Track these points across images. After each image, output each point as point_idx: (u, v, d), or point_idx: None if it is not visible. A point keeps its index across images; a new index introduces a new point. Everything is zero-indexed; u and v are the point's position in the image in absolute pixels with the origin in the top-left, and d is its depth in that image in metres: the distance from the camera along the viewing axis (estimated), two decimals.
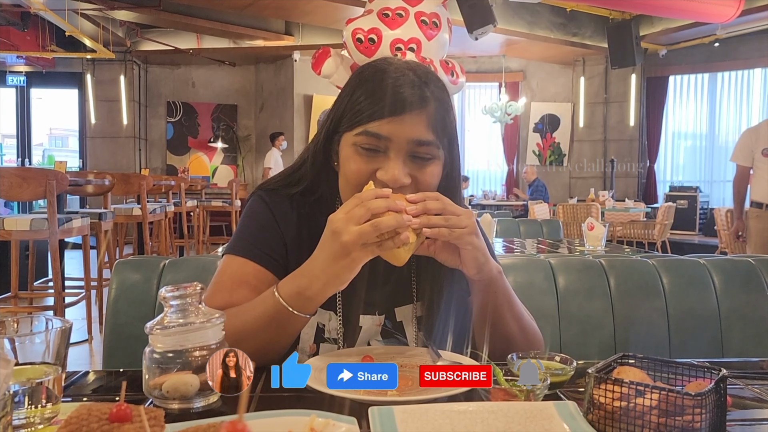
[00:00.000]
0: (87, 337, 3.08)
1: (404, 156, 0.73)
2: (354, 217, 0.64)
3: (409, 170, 0.74)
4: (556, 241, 2.69)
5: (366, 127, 0.73)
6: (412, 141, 0.73)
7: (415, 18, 3.50)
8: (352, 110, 0.75)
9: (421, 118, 0.73)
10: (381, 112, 0.72)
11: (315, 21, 6.61)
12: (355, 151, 0.74)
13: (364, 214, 0.64)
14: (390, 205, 0.64)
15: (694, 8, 5.42)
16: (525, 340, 0.78)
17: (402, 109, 0.72)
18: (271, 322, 0.69)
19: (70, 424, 0.47)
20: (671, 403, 0.49)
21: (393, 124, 0.72)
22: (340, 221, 0.65)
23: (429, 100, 0.74)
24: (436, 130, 0.74)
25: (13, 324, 0.58)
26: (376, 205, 0.64)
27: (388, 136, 0.72)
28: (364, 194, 0.66)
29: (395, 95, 0.72)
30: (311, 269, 0.68)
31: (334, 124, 0.79)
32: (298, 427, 0.50)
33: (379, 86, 0.74)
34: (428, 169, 0.75)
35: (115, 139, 7.71)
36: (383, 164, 0.73)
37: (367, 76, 0.77)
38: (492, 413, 0.53)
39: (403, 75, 0.74)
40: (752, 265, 1.17)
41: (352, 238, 0.63)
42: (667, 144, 7.76)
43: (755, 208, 3.28)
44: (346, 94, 0.78)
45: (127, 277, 1.05)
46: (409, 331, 0.83)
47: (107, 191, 3.68)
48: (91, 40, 6.36)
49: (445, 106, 0.77)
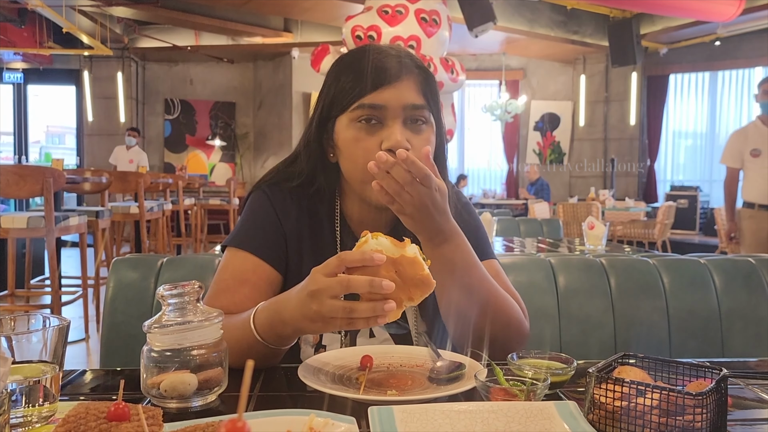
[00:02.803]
0: (84, 336, 3.07)
1: (401, 122, 0.77)
2: (330, 290, 0.60)
3: (407, 137, 0.76)
4: (556, 241, 2.68)
5: (362, 101, 0.77)
6: (408, 106, 0.77)
7: (415, 15, 3.50)
8: (342, 92, 0.78)
9: (410, 84, 0.78)
10: (374, 84, 0.76)
11: (314, 18, 6.60)
12: (356, 128, 0.77)
13: (342, 291, 0.59)
14: (374, 286, 0.58)
15: (695, 7, 5.41)
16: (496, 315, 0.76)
17: (392, 78, 0.77)
18: (251, 349, 0.68)
19: (67, 422, 0.46)
20: (672, 402, 0.49)
21: (388, 92, 0.76)
22: (318, 285, 0.60)
23: (414, 68, 0.79)
24: (426, 95, 0.79)
25: (10, 322, 0.57)
26: (356, 285, 0.59)
27: (384, 104, 0.76)
28: (347, 255, 0.60)
29: (383, 66, 0.77)
30: (284, 311, 0.66)
31: (326, 111, 0.81)
32: (296, 426, 0.49)
33: (365, 64, 0.78)
34: (423, 135, 0.78)
35: (113, 136, 7.68)
36: (383, 134, 0.76)
37: (350, 59, 0.81)
38: (492, 413, 0.53)
39: (387, 50, 0.80)
40: (753, 265, 1.17)
41: (324, 310, 0.60)
42: (668, 143, 7.76)
43: (747, 208, 3.30)
44: (332, 82, 0.81)
45: (125, 276, 1.05)
46: (409, 317, 0.85)
47: (104, 189, 3.68)
48: (89, 37, 6.34)
49: (429, 75, 0.82)
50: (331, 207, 0.87)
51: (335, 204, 0.87)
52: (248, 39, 7.20)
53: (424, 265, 0.61)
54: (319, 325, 0.63)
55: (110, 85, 7.56)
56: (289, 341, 0.70)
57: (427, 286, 0.61)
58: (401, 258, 0.60)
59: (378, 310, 0.59)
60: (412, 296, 0.61)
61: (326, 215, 0.86)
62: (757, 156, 3.22)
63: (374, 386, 0.65)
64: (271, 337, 0.68)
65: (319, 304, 0.60)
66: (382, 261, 0.59)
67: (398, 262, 0.60)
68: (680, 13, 5.82)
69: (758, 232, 3.23)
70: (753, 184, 3.25)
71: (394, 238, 0.62)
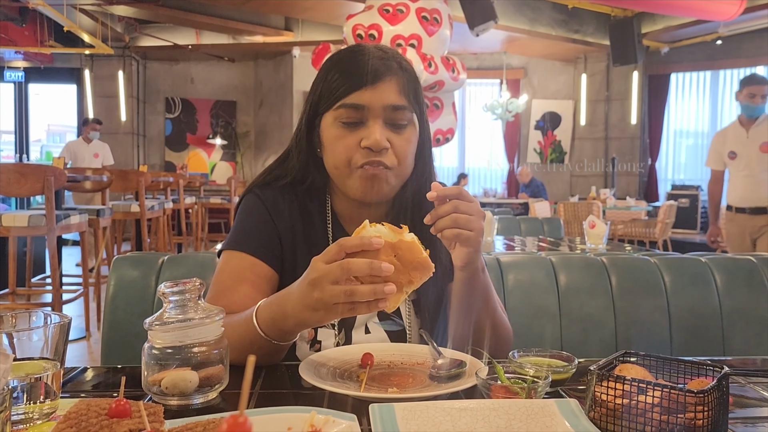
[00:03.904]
0: (85, 334, 3.08)
1: (382, 122, 0.79)
2: (331, 275, 0.60)
3: (387, 136, 0.79)
4: (556, 240, 2.68)
5: (344, 101, 0.79)
6: (388, 107, 0.79)
7: (416, 14, 3.49)
8: (329, 89, 0.81)
9: (392, 85, 0.80)
10: (356, 84, 0.78)
11: (315, 17, 6.59)
12: (338, 127, 0.80)
13: (342, 275, 0.59)
14: (373, 269, 0.59)
15: (697, 6, 5.41)
16: (495, 334, 0.81)
17: (374, 79, 0.79)
18: (253, 346, 0.68)
19: (69, 419, 0.47)
20: (673, 400, 0.49)
21: (368, 93, 0.78)
22: (319, 272, 0.61)
23: (397, 69, 0.81)
24: (408, 96, 0.81)
25: (12, 319, 0.57)
26: (356, 268, 0.59)
27: (365, 104, 0.78)
28: (346, 241, 0.61)
29: (366, 67, 0.79)
30: (285, 304, 0.66)
31: (314, 108, 0.83)
32: (297, 423, 0.49)
33: (351, 63, 0.80)
34: (404, 135, 0.80)
35: (114, 135, 7.69)
36: (363, 132, 0.78)
37: (338, 58, 0.83)
38: (493, 411, 0.53)
39: (371, 52, 0.81)
40: (754, 264, 1.17)
41: (325, 296, 0.60)
42: (669, 142, 7.74)
43: (728, 211, 3.25)
44: (321, 79, 0.83)
45: (126, 274, 1.05)
46: (404, 313, 0.86)
47: (105, 188, 3.68)
48: (90, 36, 6.34)
49: (413, 76, 0.84)
50: (321, 203, 0.88)
51: (326, 200, 0.88)
52: (249, 38, 7.20)
53: (422, 249, 0.62)
54: (321, 314, 0.63)
55: (111, 83, 7.57)
56: (292, 336, 0.70)
57: (426, 269, 0.62)
58: (400, 242, 0.61)
59: (378, 292, 0.59)
60: (412, 279, 0.62)
61: (317, 212, 0.87)
62: (733, 158, 3.15)
63: (375, 384, 0.65)
64: (274, 332, 0.68)
65: (320, 291, 0.61)
66: (381, 244, 0.60)
67: (397, 246, 0.61)
68: (681, 12, 5.81)
69: (738, 235, 3.16)
70: (732, 187, 3.21)
71: None
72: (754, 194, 3.08)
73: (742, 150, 3.10)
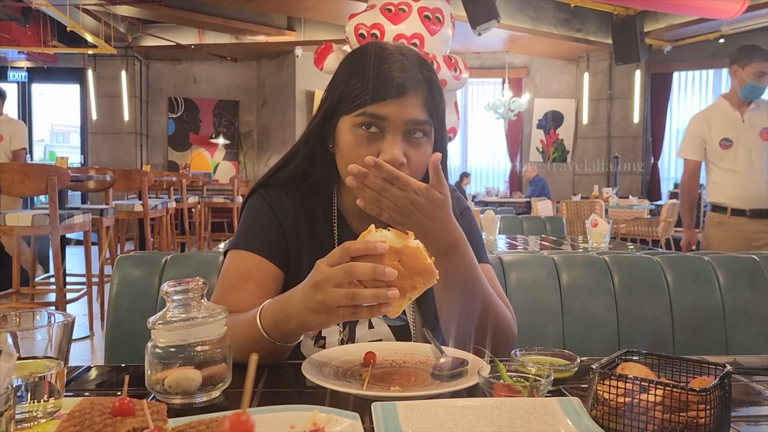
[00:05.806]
0: (89, 334, 3.09)
1: (401, 136, 0.77)
2: (334, 278, 0.60)
3: (405, 150, 0.77)
4: (559, 238, 2.68)
5: (366, 109, 0.77)
6: (410, 121, 0.77)
7: (418, 13, 3.49)
8: (351, 94, 0.79)
9: (417, 99, 0.78)
10: (381, 95, 0.76)
11: (317, 16, 6.59)
12: (356, 133, 0.78)
13: (345, 278, 0.59)
14: (376, 272, 0.59)
15: (700, 4, 5.38)
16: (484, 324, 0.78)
17: (400, 92, 0.76)
18: (257, 346, 0.68)
19: (73, 417, 0.47)
20: (676, 399, 0.49)
21: (392, 106, 0.76)
22: (322, 275, 0.61)
23: (424, 82, 0.79)
24: (430, 111, 0.79)
25: (15, 318, 0.58)
26: (359, 271, 0.59)
27: (387, 116, 0.76)
28: (351, 245, 0.61)
29: (393, 79, 0.77)
30: (288, 306, 0.66)
31: (332, 108, 0.81)
32: (300, 421, 0.49)
33: (377, 71, 0.78)
34: (421, 149, 0.79)
35: (117, 135, 7.71)
36: (381, 145, 0.77)
37: (362, 64, 0.80)
38: (495, 409, 0.53)
39: (398, 60, 0.79)
40: (757, 263, 1.17)
41: (328, 299, 0.60)
42: (672, 141, 7.72)
43: (717, 213, 2.59)
44: (343, 80, 0.81)
45: (129, 273, 1.05)
46: (407, 309, 0.85)
47: (109, 187, 3.69)
48: (93, 36, 6.35)
49: (437, 87, 0.82)
50: (327, 201, 0.88)
51: (332, 198, 0.88)
52: (252, 37, 7.20)
53: (427, 255, 0.62)
54: (323, 317, 0.62)
55: (114, 83, 7.58)
56: (295, 338, 0.71)
57: (430, 276, 0.62)
58: (404, 248, 0.61)
59: (381, 296, 0.59)
60: (415, 285, 0.62)
61: (322, 209, 0.87)
62: (727, 147, 2.51)
63: (377, 382, 0.65)
64: (277, 333, 0.68)
65: (323, 293, 0.61)
66: (385, 249, 0.60)
67: (402, 251, 0.61)
68: (684, 10, 5.79)
69: (728, 241, 2.52)
70: (724, 182, 2.55)
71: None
72: (755, 193, 2.49)
73: (738, 137, 2.50)
